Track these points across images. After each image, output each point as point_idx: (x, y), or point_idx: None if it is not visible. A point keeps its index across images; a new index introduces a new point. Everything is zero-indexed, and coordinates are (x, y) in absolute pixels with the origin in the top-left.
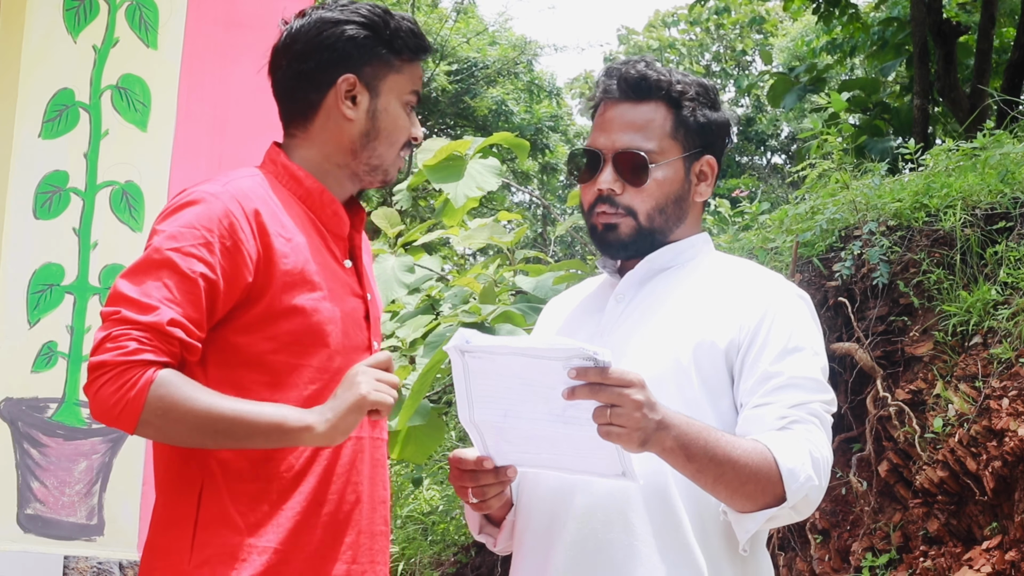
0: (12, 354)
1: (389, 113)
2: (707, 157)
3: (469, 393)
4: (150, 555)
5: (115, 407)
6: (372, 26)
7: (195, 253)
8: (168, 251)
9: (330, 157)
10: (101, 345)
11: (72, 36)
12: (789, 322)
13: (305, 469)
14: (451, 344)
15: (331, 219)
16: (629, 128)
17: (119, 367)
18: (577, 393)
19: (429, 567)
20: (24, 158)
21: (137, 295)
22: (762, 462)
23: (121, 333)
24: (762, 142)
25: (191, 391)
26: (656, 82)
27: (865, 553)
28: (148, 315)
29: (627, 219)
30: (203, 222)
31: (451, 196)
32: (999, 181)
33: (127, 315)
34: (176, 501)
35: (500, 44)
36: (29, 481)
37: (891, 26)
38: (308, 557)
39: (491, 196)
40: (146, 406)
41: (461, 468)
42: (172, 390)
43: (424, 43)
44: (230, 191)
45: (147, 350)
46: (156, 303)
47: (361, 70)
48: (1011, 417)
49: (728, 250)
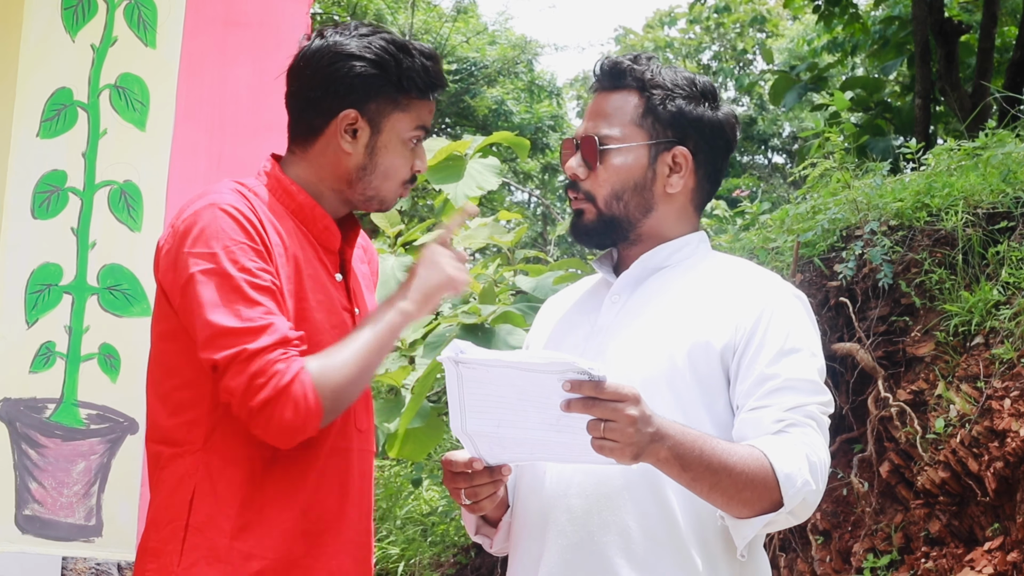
0: (10, 354)
1: (388, 150)
2: (679, 148)
3: (462, 402)
4: (143, 555)
5: (304, 424)
6: (382, 64)
7: (255, 265)
8: (236, 272)
9: (325, 181)
10: (250, 386)
11: (70, 35)
12: (786, 323)
13: (293, 478)
14: (445, 355)
15: (322, 233)
16: (599, 115)
17: (283, 394)
18: (572, 406)
19: (429, 568)
20: (22, 157)
21: (240, 324)
22: (758, 468)
23: (262, 366)
24: (763, 141)
25: (334, 362)
26: (628, 69)
27: (866, 554)
28: (268, 336)
29: (588, 205)
30: (242, 233)
31: (451, 196)
32: (1001, 181)
33: (252, 348)
34: (169, 504)
35: (500, 44)
36: (27, 482)
37: (892, 25)
38: (292, 565)
39: (491, 196)
40: (323, 402)
41: (453, 470)
42: (327, 374)
43: (436, 81)
44: (237, 199)
45: (291, 364)
46: (262, 322)
47: (365, 106)
48: (1013, 418)
49: (729, 250)
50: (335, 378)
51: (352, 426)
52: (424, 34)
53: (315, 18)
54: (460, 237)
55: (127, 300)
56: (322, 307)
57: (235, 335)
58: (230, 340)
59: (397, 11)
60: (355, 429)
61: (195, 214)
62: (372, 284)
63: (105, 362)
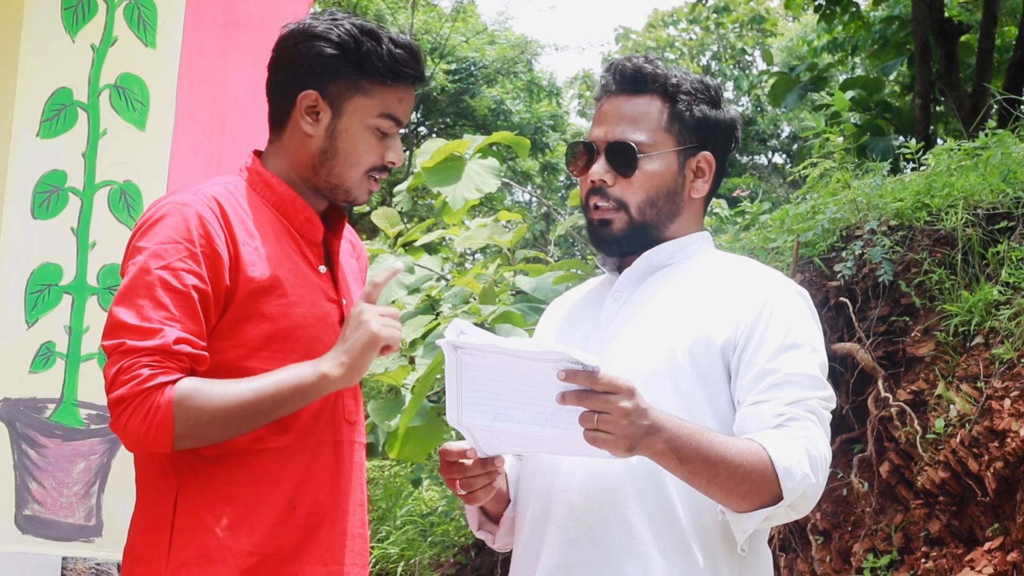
0: (10, 354)
1: (350, 134)
2: (704, 153)
3: (460, 391)
4: (130, 560)
5: (147, 435)
6: (342, 45)
7: (182, 267)
8: (156, 270)
9: (295, 168)
10: (115, 380)
11: (70, 35)
12: (787, 318)
13: (280, 472)
14: (446, 337)
15: (304, 225)
16: (623, 120)
17: (138, 396)
18: (567, 399)
19: (429, 568)
20: (22, 157)
21: (136, 321)
22: (757, 461)
23: (131, 364)
24: (763, 141)
25: (208, 392)
26: (652, 75)
27: (866, 554)
28: (153, 339)
29: (619, 213)
30: (181, 233)
31: (449, 199)
32: (1001, 181)
33: (132, 344)
34: (153, 505)
35: (499, 43)
36: (27, 482)
37: (892, 25)
38: (284, 559)
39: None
40: (175, 423)
41: (448, 459)
42: (193, 398)
43: (404, 69)
44: (200, 198)
45: (160, 373)
46: (157, 325)
47: (326, 87)
48: (1013, 418)
49: (729, 250)
50: (201, 406)
51: (341, 417)
52: (424, 34)
53: None
54: (460, 238)
55: None
56: (304, 300)
57: (125, 329)
58: (119, 332)
59: (397, 11)
60: (344, 420)
61: (153, 210)
62: (360, 279)
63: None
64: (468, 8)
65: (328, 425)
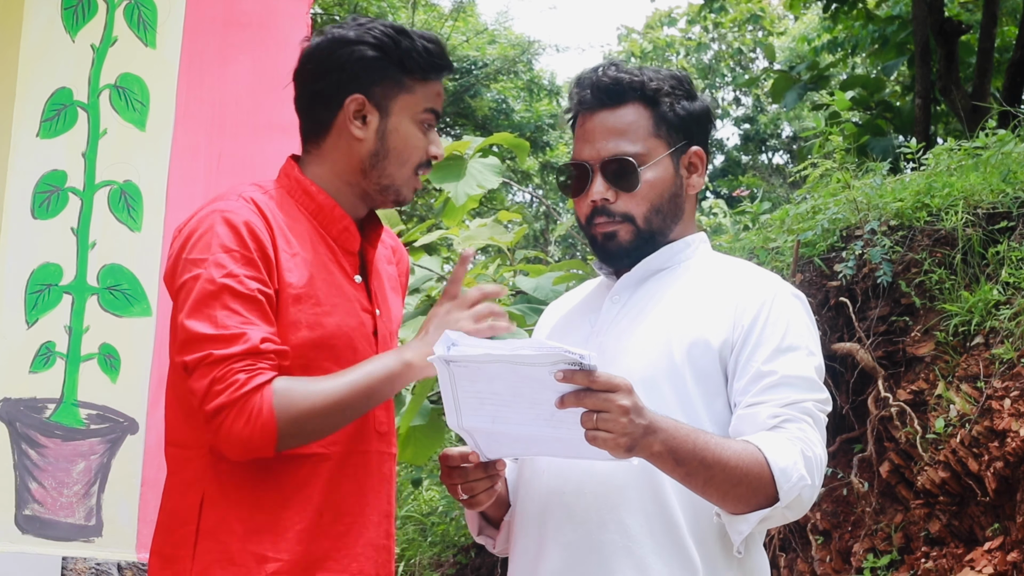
0: (10, 354)
1: (400, 133)
2: (693, 148)
3: (456, 400)
4: (156, 560)
5: (252, 438)
6: (382, 46)
7: (244, 273)
8: (221, 279)
9: (341, 175)
10: (210, 391)
11: (70, 35)
12: (783, 321)
13: (307, 479)
14: (435, 352)
15: (341, 234)
16: (611, 134)
17: (239, 402)
18: (565, 401)
19: (429, 568)
20: (22, 157)
21: (214, 330)
22: (753, 463)
23: (224, 372)
24: (763, 141)
25: (304, 389)
26: (630, 84)
27: (866, 554)
28: (238, 344)
29: (625, 225)
30: (235, 240)
31: (452, 195)
32: (1001, 181)
33: (219, 353)
34: (179, 507)
35: (500, 43)
36: (27, 482)
37: (893, 25)
38: (308, 566)
39: (491, 195)
40: (278, 423)
41: (449, 465)
42: (291, 396)
43: (440, 62)
44: (243, 204)
45: (255, 375)
46: (237, 330)
47: (371, 90)
48: (1013, 418)
49: (729, 250)
50: (299, 403)
51: (372, 428)
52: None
53: (315, 18)
54: (460, 238)
55: (127, 300)
56: (338, 310)
57: (206, 340)
58: (200, 344)
59: (397, 11)
60: (374, 431)
61: (198, 221)
62: (399, 285)
63: (105, 362)
64: (468, 8)
65: (357, 435)
